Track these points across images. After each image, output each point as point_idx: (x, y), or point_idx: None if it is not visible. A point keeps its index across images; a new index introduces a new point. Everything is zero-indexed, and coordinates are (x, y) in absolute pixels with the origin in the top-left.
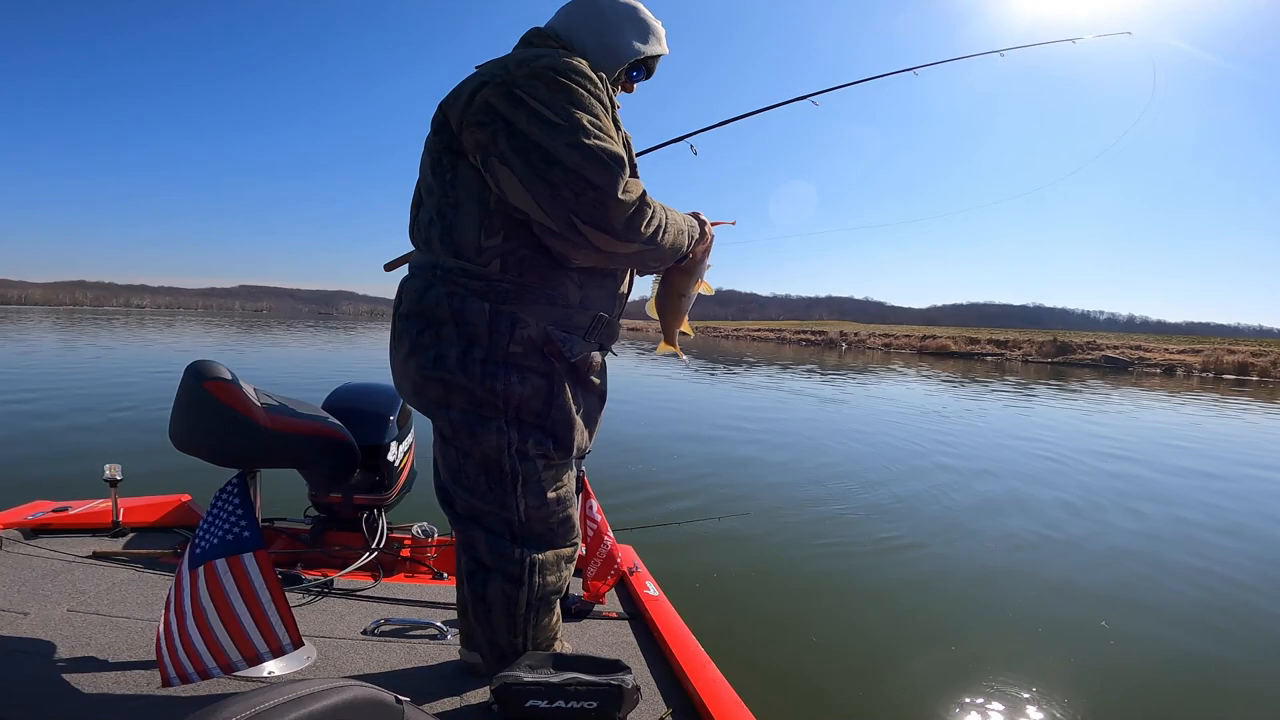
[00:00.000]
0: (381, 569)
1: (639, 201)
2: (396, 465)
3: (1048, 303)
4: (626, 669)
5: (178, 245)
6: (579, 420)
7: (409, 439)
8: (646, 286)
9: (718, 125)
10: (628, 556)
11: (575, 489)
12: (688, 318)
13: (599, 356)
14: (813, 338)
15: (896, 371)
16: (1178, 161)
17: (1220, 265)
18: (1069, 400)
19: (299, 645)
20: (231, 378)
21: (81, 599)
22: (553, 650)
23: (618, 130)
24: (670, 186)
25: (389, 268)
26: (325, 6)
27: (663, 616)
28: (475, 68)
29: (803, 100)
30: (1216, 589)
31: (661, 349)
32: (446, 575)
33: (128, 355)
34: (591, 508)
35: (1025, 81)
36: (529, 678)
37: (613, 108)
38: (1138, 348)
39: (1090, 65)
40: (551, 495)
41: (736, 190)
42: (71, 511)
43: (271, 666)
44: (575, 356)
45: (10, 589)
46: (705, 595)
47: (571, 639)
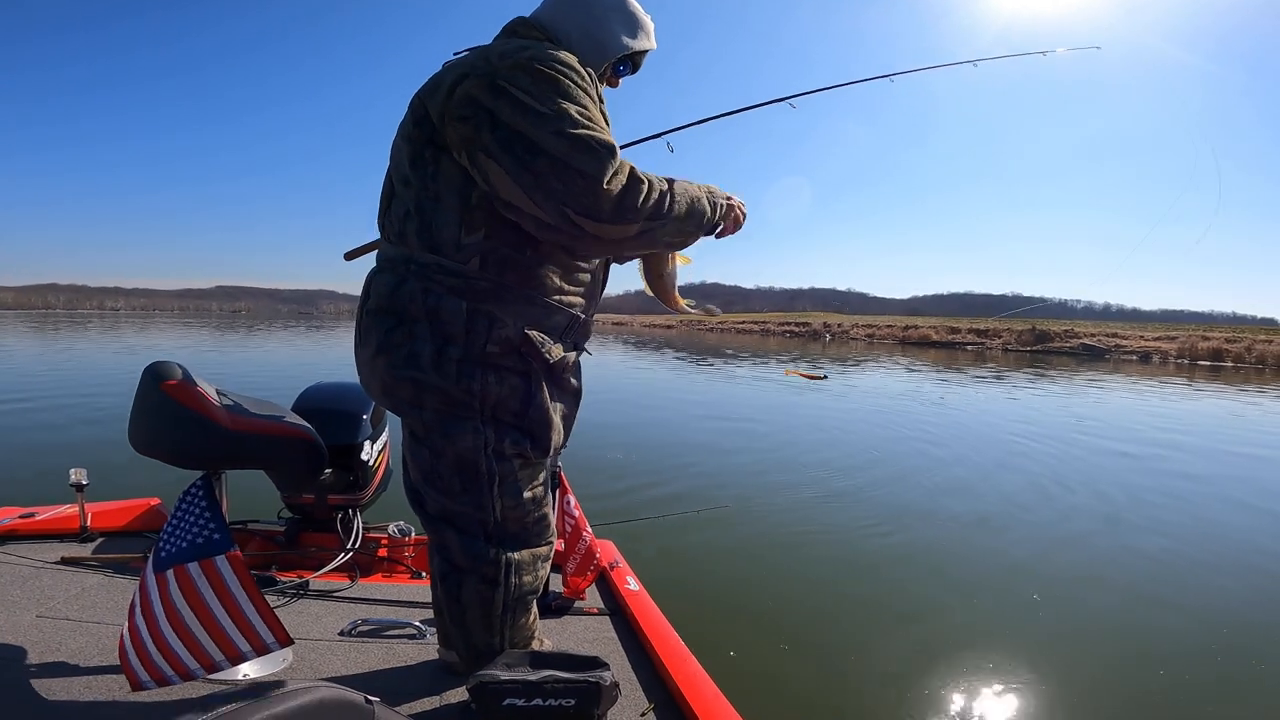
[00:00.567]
0: (358, 569)
1: (629, 180)
2: (371, 464)
3: (1025, 291)
4: (605, 666)
5: (152, 246)
6: (556, 420)
7: (384, 437)
8: (637, 278)
9: (696, 123)
10: (607, 551)
11: (551, 486)
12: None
13: (574, 356)
14: (797, 329)
15: (878, 362)
16: (1143, 150)
17: (1193, 251)
18: (1048, 387)
19: (288, 643)
20: (191, 378)
21: (50, 604)
22: (530, 648)
23: (608, 125)
24: None
25: (350, 256)
26: None
27: (643, 611)
28: (453, 54)
29: (781, 102)
30: (1176, 566)
31: (684, 317)
32: (424, 574)
33: (98, 358)
34: (569, 503)
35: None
36: (505, 676)
37: (601, 102)
38: (1114, 335)
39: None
40: (528, 495)
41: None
42: (38, 517)
43: (246, 669)
44: (553, 358)
45: None
46: (686, 589)
47: (552, 636)
